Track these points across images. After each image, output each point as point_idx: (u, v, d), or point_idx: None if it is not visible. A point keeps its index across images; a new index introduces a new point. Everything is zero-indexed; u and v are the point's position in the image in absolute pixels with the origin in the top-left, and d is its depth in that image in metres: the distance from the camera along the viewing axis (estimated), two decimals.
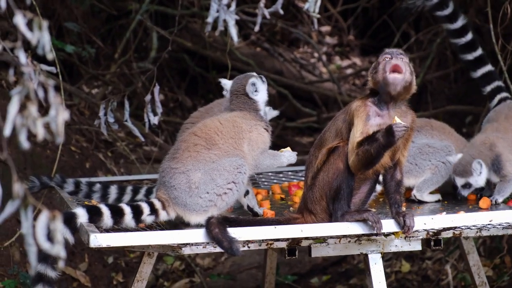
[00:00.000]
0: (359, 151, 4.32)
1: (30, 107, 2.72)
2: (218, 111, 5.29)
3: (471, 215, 4.53)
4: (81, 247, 7.30)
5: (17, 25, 2.76)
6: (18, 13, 2.76)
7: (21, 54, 2.84)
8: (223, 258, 8.29)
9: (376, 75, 4.42)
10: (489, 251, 7.46)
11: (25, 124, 2.72)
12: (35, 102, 2.73)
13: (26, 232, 2.72)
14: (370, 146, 4.28)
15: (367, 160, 4.33)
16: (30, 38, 2.82)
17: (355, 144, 4.34)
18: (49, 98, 2.77)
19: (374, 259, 4.58)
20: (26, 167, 7.21)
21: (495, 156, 5.16)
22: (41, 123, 2.73)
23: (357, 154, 4.33)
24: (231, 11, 3.93)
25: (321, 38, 13.21)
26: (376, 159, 4.34)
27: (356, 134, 4.36)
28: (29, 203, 2.70)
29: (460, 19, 5.56)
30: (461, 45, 5.68)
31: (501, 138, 5.25)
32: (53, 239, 2.70)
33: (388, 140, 4.25)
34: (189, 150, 4.67)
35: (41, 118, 2.73)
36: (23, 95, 2.74)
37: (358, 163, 4.36)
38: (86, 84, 9.41)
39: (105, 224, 4.38)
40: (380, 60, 4.43)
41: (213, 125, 4.78)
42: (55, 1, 8.89)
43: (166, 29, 9.42)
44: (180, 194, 4.58)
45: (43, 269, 4.15)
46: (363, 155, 4.31)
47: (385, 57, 4.42)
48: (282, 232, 4.31)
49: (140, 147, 9.23)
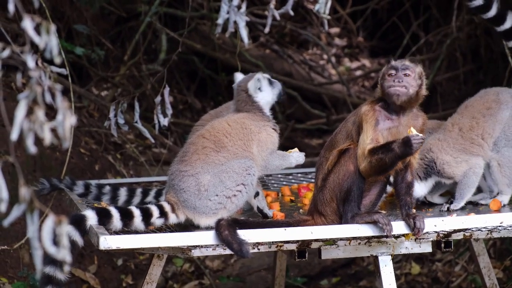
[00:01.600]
0: (373, 160, 4.31)
1: (37, 111, 2.72)
2: (228, 114, 5.29)
3: (482, 217, 4.51)
4: (91, 249, 7.30)
5: (25, 29, 2.76)
6: (26, 17, 2.76)
7: (29, 58, 2.84)
8: (233, 260, 8.29)
9: (382, 87, 4.46)
10: (500, 253, 7.43)
11: (32, 129, 2.72)
12: (43, 106, 2.72)
13: (32, 236, 2.72)
14: (384, 155, 4.28)
15: (380, 168, 4.34)
16: (38, 42, 2.82)
17: (367, 151, 4.33)
18: (57, 103, 2.77)
19: (384, 261, 4.57)
20: (35, 169, 7.22)
21: (431, 161, 5.08)
22: (48, 128, 2.73)
23: (370, 162, 4.33)
24: (241, 12, 3.92)
25: (330, 39, 13.19)
26: (390, 168, 4.36)
27: (366, 140, 4.35)
28: (35, 207, 2.70)
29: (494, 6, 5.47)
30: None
31: (440, 140, 5.13)
32: (59, 243, 2.70)
33: (405, 151, 4.26)
34: (197, 152, 4.67)
35: (48, 123, 2.73)
36: (31, 99, 2.74)
37: (371, 170, 4.36)
38: (96, 86, 9.43)
39: (115, 227, 4.38)
40: (386, 73, 4.46)
41: (221, 127, 4.77)
42: (64, 4, 8.91)
43: (175, 31, 9.44)
44: (190, 197, 4.58)
45: (52, 271, 4.15)
46: (376, 163, 4.31)
47: (390, 72, 4.44)
48: (292, 234, 4.30)
49: (149, 149, 9.24)
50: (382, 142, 4.36)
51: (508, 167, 5.09)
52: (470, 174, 5.05)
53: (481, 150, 5.09)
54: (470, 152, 5.08)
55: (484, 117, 5.14)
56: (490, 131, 5.11)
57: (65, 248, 2.71)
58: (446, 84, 9.96)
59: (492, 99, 5.19)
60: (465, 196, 5.04)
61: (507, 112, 5.13)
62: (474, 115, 5.16)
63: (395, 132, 4.42)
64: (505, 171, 5.09)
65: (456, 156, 5.05)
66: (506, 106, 5.15)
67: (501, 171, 5.10)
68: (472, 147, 5.09)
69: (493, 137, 5.11)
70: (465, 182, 5.05)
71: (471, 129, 5.12)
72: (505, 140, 5.11)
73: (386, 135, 4.39)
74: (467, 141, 5.10)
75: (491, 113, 5.14)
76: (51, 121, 2.75)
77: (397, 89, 4.38)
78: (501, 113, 5.14)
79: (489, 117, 5.13)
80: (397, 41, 12.23)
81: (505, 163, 5.10)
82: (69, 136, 2.75)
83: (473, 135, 5.11)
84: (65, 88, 8.02)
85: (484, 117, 5.14)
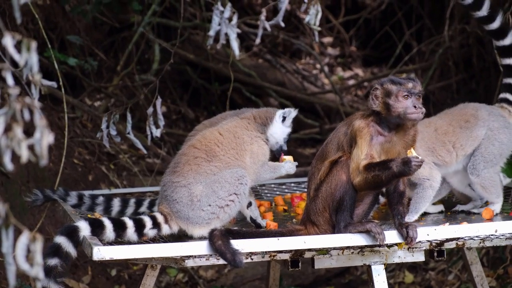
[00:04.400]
0: (369, 176, 4.30)
1: (16, 128, 2.72)
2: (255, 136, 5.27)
3: (474, 225, 4.52)
4: (84, 259, 7.30)
5: (5, 46, 2.77)
6: (7, 34, 2.77)
7: (8, 75, 2.84)
8: (226, 270, 8.29)
9: (391, 107, 4.38)
10: (493, 262, 7.45)
11: (10, 146, 2.73)
12: (21, 123, 2.73)
13: (6, 252, 2.72)
14: (381, 173, 4.27)
15: (375, 184, 4.33)
16: (18, 60, 2.83)
17: (362, 167, 4.32)
18: (35, 120, 2.77)
19: (377, 270, 4.57)
20: (29, 180, 7.22)
21: None
22: (26, 145, 2.73)
23: (366, 178, 4.31)
24: (232, 24, 3.95)
25: (323, 49, 13.23)
26: (385, 185, 4.36)
27: (361, 155, 4.34)
28: (10, 223, 2.70)
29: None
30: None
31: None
32: (32, 261, 2.70)
33: (403, 171, 4.24)
34: (189, 163, 4.67)
35: (25, 140, 2.73)
36: (9, 116, 2.74)
37: (365, 185, 4.35)
38: (89, 96, 9.43)
39: (108, 238, 4.38)
40: (397, 94, 4.38)
41: (212, 137, 4.78)
42: (57, 14, 8.91)
43: (168, 41, 9.46)
44: (182, 207, 4.59)
45: (46, 283, 4.15)
46: (372, 180, 4.30)
47: (405, 95, 4.36)
48: (285, 243, 4.30)
49: (142, 160, 9.24)
50: (376, 157, 4.35)
51: (492, 186, 5.11)
52: (427, 186, 5.05)
53: (448, 157, 5.10)
54: (437, 155, 5.09)
55: (460, 128, 5.15)
56: (462, 142, 5.12)
57: (39, 265, 2.71)
58: (439, 93, 10.00)
59: (470, 113, 5.20)
60: (420, 209, 5.04)
61: (483, 130, 5.14)
62: (451, 123, 5.18)
63: (387, 147, 4.40)
64: (490, 190, 5.12)
65: (424, 157, 5.02)
66: (483, 123, 5.16)
67: (487, 191, 5.12)
68: (441, 150, 5.10)
69: (463, 150, 5.12)
70: (421, 195, 5.05)
71: (446, 134, 5.14)
72: (484, 162, 5.12)
73: (379, 150, 4.38)
74: (439, 142, 5.11)
75: (468, 126, 5.15)
76: (28, 139, 2.75)
77: (420, 116, 4.34)
78: (477, 130, 5.14)
79: (465, 130, 5.14)
80: (389, 50, 12.28)
81: (487, 184, 5.11)
82: (46, 154, 2.75)
83: (446, 140, 5.13)
84: (58, 98, 8.04)
85: (461, 128, 5.15)
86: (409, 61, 11.05)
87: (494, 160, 5.13)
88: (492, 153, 5.13)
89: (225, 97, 5.15)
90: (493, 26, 5.31)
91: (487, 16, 5.29)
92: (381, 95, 4.41)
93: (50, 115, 8.13)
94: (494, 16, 5.29)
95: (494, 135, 5.14)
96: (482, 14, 5.28)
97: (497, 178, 5.14)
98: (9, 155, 2.74)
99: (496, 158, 5.13)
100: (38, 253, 2.71)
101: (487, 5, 5.26)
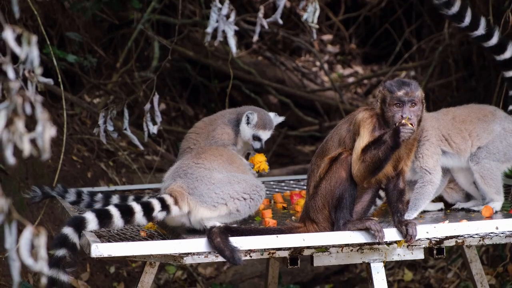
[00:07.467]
0: (366, 157, 4.30)
1: (17, 122, 2.71)
2: (221, 123, 5.34)
3: (474, 223, 4.51)
4: (83, 256, 7.29)
5: (6, 40, 2.76)
6: (7, 27, 2.75)
7: (9, 69, 2.83)
8: (225, 268, 8.28)
9: (385, 113, 4.38)
10: (492, 260, 7.44)
11: (12, 140, 2.71)
12: (23, 117, 2.71)
13: (10, 247, 2.70)
14: (377, 150, 4.27)
15: (374, 165, 4.30)
16: (19, 53, 2.82)
17: (360, 151, 4.32)
18: (37, 114, 2.75)
19: (377, 268, 4.56)
20: (27, 177, 7.21)
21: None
22: (28, 139, 2.72)
23: (364, 161, 4.31)
24: (230, 21, 3.94)
25: (322, 46, 13.22)
26: (384, 163, 4.31)
27: (361, 144, 4.34)
28: (13, 218, 2.69)
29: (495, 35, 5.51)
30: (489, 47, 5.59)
31: (433, 117, 5.14)
32: (36, 256, 2.69)
33: (396, 140, 4.24)
34: (215, 155, 4.87)
35: (27, 134, 2.72)
36: (11, 110, 2.73)
37: (365, 170, 4.34)
38: (88, 93, 9.42)
39: (117, 226, 4.35)
40: (390, 102, 4.36)
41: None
42: (57, 11, 8.90)
43: (167, 39, 9.44)
44: (200, 184, 4.67)
45: (55, 274, 4.13)
46: (370, 160, 4.29)
47: (396, 103, 4.36)
48: (284, 241, 4.30)
49: (141, 157, 9.23)
50: None
51: (491, 178, 5.11)
52: (427, 181, 5.03)
53: (463, 145, 5.10)
54: (452, 142, 5.09)
55: (478, 120, 5.19)
56: (478, 133, 5.13)
57: (43, 260, 2.70)
58: (439, 91, 9.98)
59: (489, 110, 5.28)
60: (419, 206, 5.01)
61: (499, 127, 5.17)
62: (470, 114, 5.21)
63: None
64: (488, 182, 5.11)
65: (436, 146, 5.04)
66: (500, 121, 5.20)
67: (485, 183, 5.11)
68: (456, 137, 5.10)
69: (478, 141, 5.13)
70: (421, 192, 5.03)
71: (463, 122, 5.16)
72: (486, 152, 5.13)
73: None
74: (455, 129, 5.13)
75: (486, 120, 5.18)
76: (30, 132, 2.74)
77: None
78: (494, 125, 5.17)
79: (483, 122, 5.17)
80: (389, 48, 12.28)
81: (486, 174, 5.11)
82: (48, 147, 2.73)
83: (463, 128, 5.14)
84: (57, 95, 8.03)
85: (479, 120, 5.19)
86: (409, 59, 11.05)
87: (497, 154, 5.13)
88: (497, 148, 5.14)
89: (224, 94, 5.14)
90: (492, 42, 5.40)
91: (485, 35, 5.35)
92: (380, 98, 4.43)
93: (49, 112, 8.11)
94: (492, 33, 5.35)
95: (505, 135, 5.17)
96: (480, 33, 5.34)
97: (498, 174, 5.13)
98: (11, 149, 2.73)
99: (500, 153, 5.13)
100: (42, 247, 2.70)
101: (484, 24, 5.32)
